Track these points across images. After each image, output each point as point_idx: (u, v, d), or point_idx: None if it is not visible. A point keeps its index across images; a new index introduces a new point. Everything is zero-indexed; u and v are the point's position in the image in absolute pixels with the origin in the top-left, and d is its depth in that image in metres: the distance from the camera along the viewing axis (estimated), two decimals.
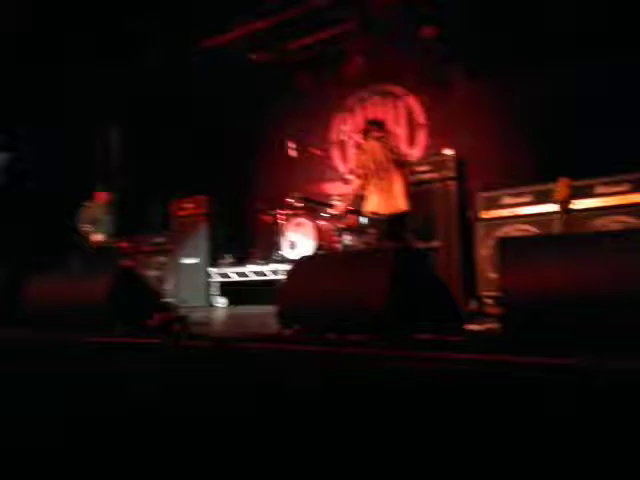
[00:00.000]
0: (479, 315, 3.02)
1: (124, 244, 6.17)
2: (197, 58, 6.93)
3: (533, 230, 4.00)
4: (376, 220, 4.17)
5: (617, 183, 3.77)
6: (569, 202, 3.30)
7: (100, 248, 5.79)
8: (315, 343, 2.52)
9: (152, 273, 6.06)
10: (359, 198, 4.44)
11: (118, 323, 3.35)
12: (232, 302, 5.93)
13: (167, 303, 3.80)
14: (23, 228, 6.26)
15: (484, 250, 4.19)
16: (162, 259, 6.26)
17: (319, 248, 5.18)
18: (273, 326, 2.88)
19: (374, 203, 4.12)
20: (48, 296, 3.79)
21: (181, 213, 6.35)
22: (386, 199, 4.03)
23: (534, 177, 4.34)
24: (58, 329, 3.33)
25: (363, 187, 4.27)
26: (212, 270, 6.04)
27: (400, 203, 4.00)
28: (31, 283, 3.86)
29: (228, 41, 6.95)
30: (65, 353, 2.98)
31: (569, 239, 2.50)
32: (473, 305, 3.41)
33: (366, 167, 4.18)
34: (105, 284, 3.56)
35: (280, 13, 6.58)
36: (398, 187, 4.03)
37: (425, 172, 4.66)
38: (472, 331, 2.53)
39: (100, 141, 6.29)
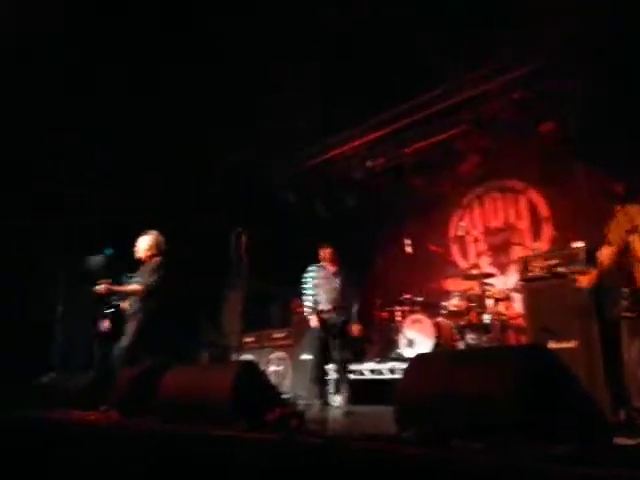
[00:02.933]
0: (629, 426, 2.58)
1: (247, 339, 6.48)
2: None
3: None
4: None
5: None
6: None
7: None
8: (435, 447, 2.35)
9: (272, 368, 6.21)
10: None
11: (239, 417, 3.44)
12: (349, 401, 5.79)
13: (285, 398, 3.84)
14: (167, 322, 6.93)
15: (633, 352, 3.68)
16: (281, 354, 6.42)
17: (438, 346, 4.97)
18: (390, 426, 2.76)
19: None
20: (179, 388, 4.06)
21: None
22: None
23: None
24: (185, 421, 3.50)
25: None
26: (328, 367, 6.02)
27: None
28: (166, 374, 4.16)
29: (347, 152, 7.53)
30: (191, 446, 3.10)
31: None
32: (622, 415, 2.92)
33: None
34: (230, 378, 3.73)
35: (395, 121, 7.05)
36: None
37: (555, 265, 4.36)
38: (621, 445, 2.17)
39: (231, 242, 6.90)
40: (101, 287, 4.53)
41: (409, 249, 5.99)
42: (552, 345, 3.92)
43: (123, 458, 2.97)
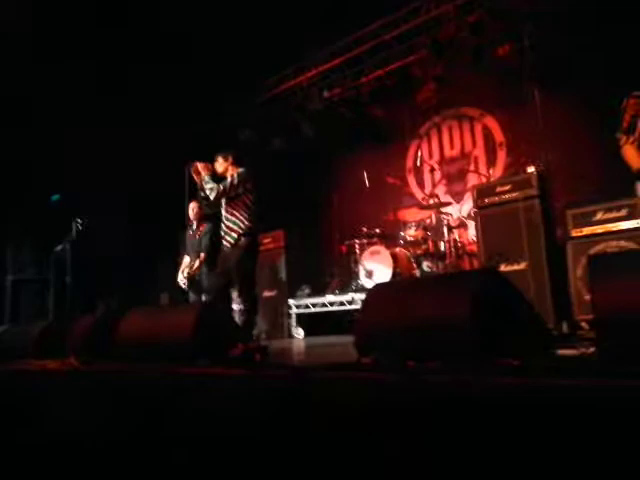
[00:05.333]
0: (572, 339, 2.77)
1: None
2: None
3: (630, 246, 3.65)
4: None
5: None
6: None
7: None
8: (395, 371, 2.44)
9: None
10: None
11: (202, 355, 3.46)
12: (310, 332, 5.95)
13: (247, 335, 3.89)
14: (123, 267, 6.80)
15: (578, 270, 3.88)
16: None
17: (396, 276, 5.08)
18: (352, 355, 2.83)
19: None
20: (139, 330, 4.03)
21: (260, 248, 6.54)
22: None
23: (628, 190, 3.99)
24: (147, 361, 3.50)
25: None
26: (290, 301, 6.13)
27: None
28: (125, 317, 4.11)
29: (301, 82, 7.27)
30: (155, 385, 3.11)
31: None
32: (565, 328, 3.12)
33: None
34: (192, 318, 3.72)
35: (350, 51, 6.80)
36: None
37: (507, 192, 4.44)
38: (564, 356, 2.31)
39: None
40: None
41: (367, 181, 5.97)
42: (504, 268, 4.07)
43: (87, 402, 2.95)
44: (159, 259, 7.17)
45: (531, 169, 4.45)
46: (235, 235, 3.92)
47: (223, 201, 4.02)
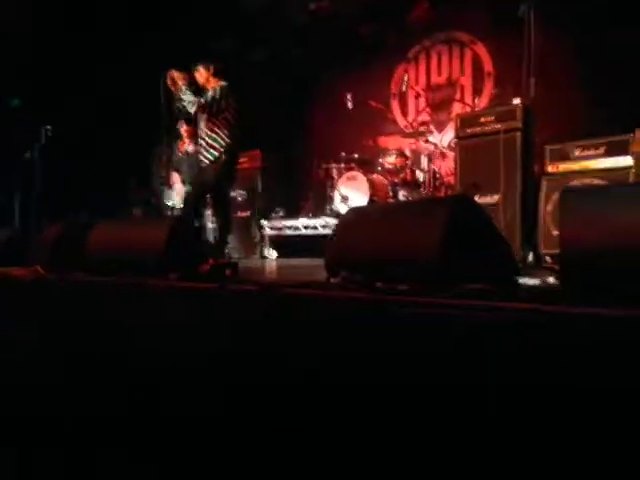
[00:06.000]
0: (535, 269, 2.86)
1: None
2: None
3: (603, 184, 3.69)
4: None
5: None
6: None
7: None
8: (361, 290, 2.49)
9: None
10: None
11: (173, 269, 3.46)
12: (283, 255, 6.00)
13: (220, 251, 3.89)
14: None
15: (549, 206, 3.93)
16: None
17: (372, 202, 5.07)
18: (322, 276, 2.87)
19: None
20: (109, 242, 3.98)
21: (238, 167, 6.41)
22: None
23: (608, 128, 3.98)
24: (116, 274, 3.48)
25: None
26: (264, 223, 6.12)
27: None
28: (95, 229, 4.04)
29: None
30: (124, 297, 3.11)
31: (636, 189, 2.27)
32: (530, 258, 3.22)
33: None
34: (163, 232, 3.68)
35: None
36: None
37: (490, 123, 4.36)
38: (526, 284, 2.39)
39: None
40: None
41: (349, 104, 5.78)
42: (479, 199, 4.08)
43: (51, 312, 2.94)
44: (131, 173, 6.96)
45: (516, 101, 4.35)
46: (215, 153, 3.83)
47: (202, 116, 3.87)
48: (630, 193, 2.18)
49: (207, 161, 3.87)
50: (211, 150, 3.85)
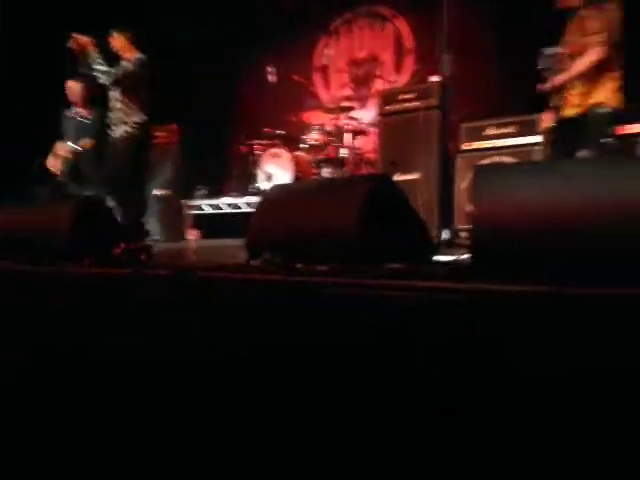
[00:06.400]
0: (451, 246, 2.95)
1: None
2: None
3: (511, 161, 3.87)
4: None
5: None
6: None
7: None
8: (280, 272, 2.44)
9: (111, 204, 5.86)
10: None
11: (82, 253, 3.24)
12: (205, 235, 5.81)
13: (133, 233, 3.67)
14: None
15: (464, 183, 4.06)
16: None
17: (296, 180, 5.01)
18: (243, 257, 2.79)
19: None
20: (10, 224, 3.67)
21: (151, 142, 6.06)
22: None
23: (521, 109, 4.14)
24: (19, 259, 3.23)
25: None
26: (185, 202, 5.87)
27: None
28: None
29: None
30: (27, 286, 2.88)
31: (546, 167, 2.38)
32: (445, 235, 3.33)
33: None
34: (69, 213, 3.44)
35: None
36: None
37: (410, 100, 4.40)
38: (441, 261, 2.45)
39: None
40: None
41: (272, 78, 5.61)
42: (399, 177, 4.14)
43: None
44: (35, 148, 6.38)
45: (435, 78, 4.42)
46: (127, 127, 3.61)
47: (115, 88, 3.62)
48: (538, 170, 2.27)
49: (119, 135, 3.65)
50: (122, 124, 3.63)
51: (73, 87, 4.42)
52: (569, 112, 2.99)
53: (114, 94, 3.67)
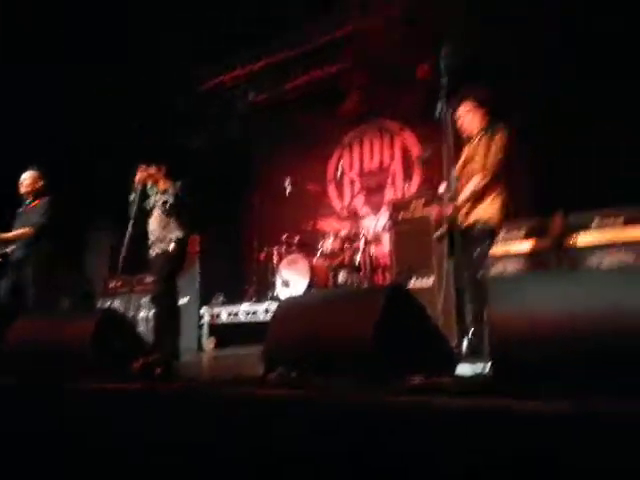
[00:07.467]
0: (471, 356, 2.89)
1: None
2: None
3: (525, 267, 3.87)
4: None
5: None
6: (564, 238, 3.19)
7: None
8: (298, 387, 2.40)
9: (142, 314, 5.94)
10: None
11: (102, 368, 3.24)
12: (223, 343, 5.78)
13: (152, 346, 3.69)
14: None
15: None
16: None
17: (312, 286, 5.07)
18: (259, 369, 2.77)
19: None
20: (31, 338, 3.69)
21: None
22: None
23: (529, 212, 4.25)
24: (40, 375, 3.22)
25: None
26: (202, 310, 5.92)
27: None
28: (16, 324, 3.76)
29: (225, 82, 7.13)
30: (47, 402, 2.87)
31: (561, 275, 2.40)
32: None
33: None
34: (91, 327, 3.48)
35: (277, 53, 6.76)
36: None
37: (421, 208, 4.58)
38: (461, 375, 2.40)
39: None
40: None
41: (289, 188, 5.92)
42: (414, 284, 4.17)
43: None
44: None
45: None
46: (165, 246, 3.81)
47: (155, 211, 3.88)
48: (549, 280, 2.29)
49: (160, 251, 3.86)
50: (161, 243, 3.85)
51: (28, 178, 4.47)
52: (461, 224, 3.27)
53: (155, 213, 3.90)
